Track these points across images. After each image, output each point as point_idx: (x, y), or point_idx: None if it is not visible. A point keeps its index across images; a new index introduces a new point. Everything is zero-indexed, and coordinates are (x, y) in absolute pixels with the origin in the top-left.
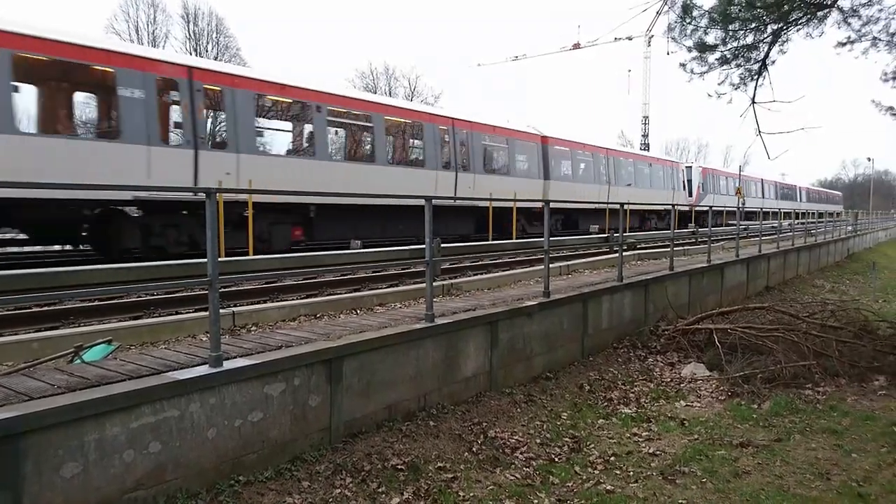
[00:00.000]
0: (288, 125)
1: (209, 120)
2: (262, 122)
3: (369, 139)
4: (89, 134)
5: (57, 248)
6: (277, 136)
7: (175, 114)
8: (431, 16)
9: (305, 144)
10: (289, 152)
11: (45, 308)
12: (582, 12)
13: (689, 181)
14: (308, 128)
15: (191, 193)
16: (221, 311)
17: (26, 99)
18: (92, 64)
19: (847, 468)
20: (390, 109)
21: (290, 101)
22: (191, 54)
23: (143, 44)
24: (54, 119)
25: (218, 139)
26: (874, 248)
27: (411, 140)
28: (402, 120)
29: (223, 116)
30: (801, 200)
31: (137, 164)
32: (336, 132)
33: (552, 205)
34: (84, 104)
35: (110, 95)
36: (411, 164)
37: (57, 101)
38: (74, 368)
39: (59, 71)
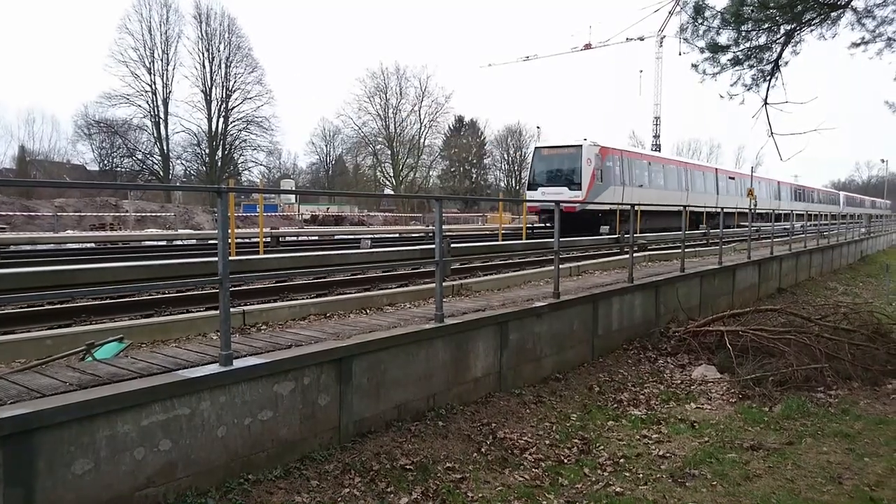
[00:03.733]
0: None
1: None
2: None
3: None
4: None
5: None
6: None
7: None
8: (441, 17)
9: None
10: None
11: (59, 305)
12: (593, 10)
13: (839, 202)
14: (653, 172)
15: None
16: (232, 309)
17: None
18: None
19: (859, 472)
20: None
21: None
22: (202, 54)
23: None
24: None
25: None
26: (888, 251)
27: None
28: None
29: (629, 170)
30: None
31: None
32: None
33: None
34: None
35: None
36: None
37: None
38: (86, 366)
39: None
